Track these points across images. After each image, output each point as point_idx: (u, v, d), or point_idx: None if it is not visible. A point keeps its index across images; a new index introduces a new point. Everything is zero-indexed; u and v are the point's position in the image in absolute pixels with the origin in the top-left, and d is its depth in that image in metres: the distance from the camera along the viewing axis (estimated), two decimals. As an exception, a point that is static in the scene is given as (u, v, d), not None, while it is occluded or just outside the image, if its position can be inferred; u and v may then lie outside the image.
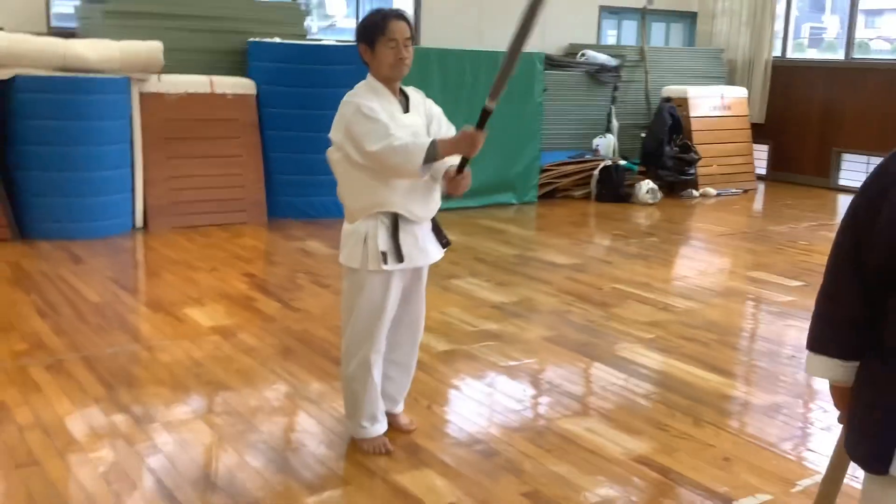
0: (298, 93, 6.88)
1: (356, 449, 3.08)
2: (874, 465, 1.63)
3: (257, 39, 7.11)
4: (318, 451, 3.08)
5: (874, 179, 1.64)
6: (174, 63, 6.66)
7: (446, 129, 2.95)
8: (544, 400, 3.59)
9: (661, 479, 2.93)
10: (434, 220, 3.01)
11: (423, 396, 3.55)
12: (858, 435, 1.68)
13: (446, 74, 7.31)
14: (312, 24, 8.96)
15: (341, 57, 6.92)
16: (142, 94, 6.51)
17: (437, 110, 2.98)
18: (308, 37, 7.85)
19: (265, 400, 3.51)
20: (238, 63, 7.15)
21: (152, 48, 6.40)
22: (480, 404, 3.54)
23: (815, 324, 1.77)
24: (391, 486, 2.85)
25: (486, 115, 2.66)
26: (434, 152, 2.69)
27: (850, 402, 1.72)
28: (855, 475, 2.09)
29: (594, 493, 2.82)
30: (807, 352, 1.78)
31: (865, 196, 1.66)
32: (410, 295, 3.04)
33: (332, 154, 2.93)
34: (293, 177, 6.99)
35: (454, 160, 2.81)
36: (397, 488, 2.83)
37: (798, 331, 4.73)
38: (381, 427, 3.09)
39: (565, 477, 2.93)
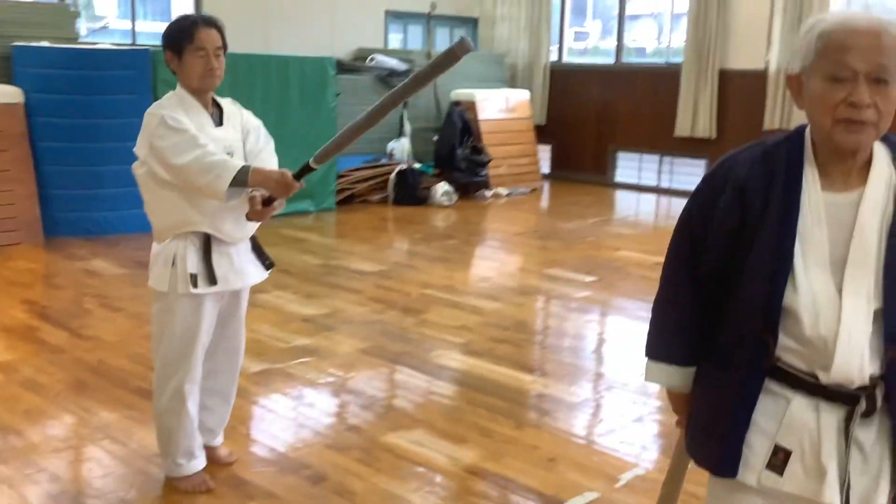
0: (73, 100, 6.38)
1: (173, 489, 2.85)
2: (720, 470, 1.65)
3: (23, 44, 6.49)
4: (129, 496, 2.82)
5: (705, 188, 1.69)
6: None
7: (265, 143, 2.79)
8: (368, 415, 3.50)
9: (493, 487, 2.93)
10: (254, 240, 2.84)
11: (241, 423, 3.35)
12: (703, 439, 1.70)
13: (236, 80, 7.01)
14: (81, 26, 8.32)
15: (119, 62, 6.50)
16: None
17: (255, 123, 2.81)
18: (79, 40, 7.28)
19: (61, 442, 3.17)
20: (2, 70, 6.50)
21: None
22: (302, 427, 3.40)
23: (652, 331, 1.78)
24: (216, 525, 2.66)
25: (306, 170, 2.53)
26: (244, 179, 2.53)
27: (692, 406, 1.75)
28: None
29: (430, 509, 2.78)
30: (645, 360, 1.80)
31: (697, 202, 1.70)
32: (228, 319, 2.85)
33: (137, 169, 2.70)
34: (72, 191, 6.46)
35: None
36: (223, 527, 2.64)
37: (598, 325, 4.95)
38: (200, 463, 2.87)
39: (398, 494, 2.86)
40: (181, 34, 2.60)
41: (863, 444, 1.56)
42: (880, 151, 1.58)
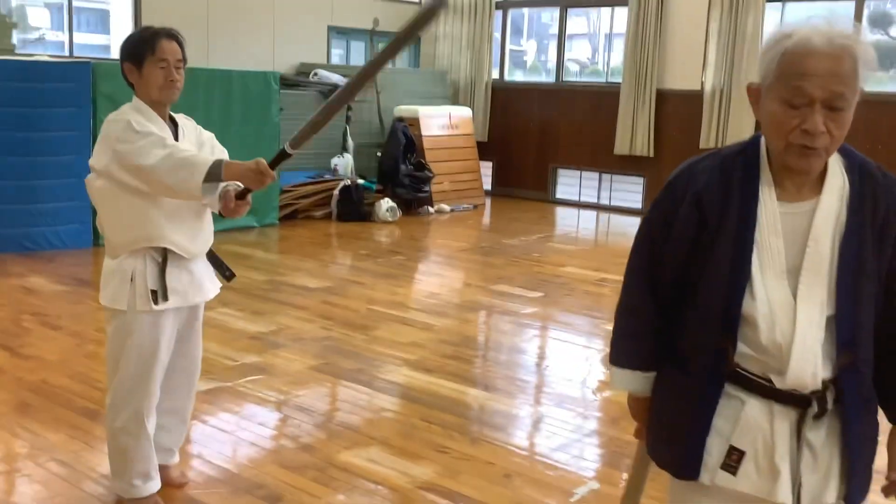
0: (9, 113, 6.21)
1: (125, 512, 2.79)
2: (683, 472, 1.69)
3: (-45, 53, 6.32)
4: (78, 519, 2.75)
5: (665, 197, 1.72)
6: None
7: (219, 153, 2.76)
8: (321, 434, 3.47)
9: (450, 504, 2.94)
10: (212, 253, 2.81)
11: (191, 443, 3.29)
12: (665, 443, 1.74)
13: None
14: (14, 38, 8.12)
15: (58, 74, 6.36)
16: None
17: (207, 136, 2.79)
18: (15, 52, 7.11)
19: (5, 465, 3.07)
20: (-67, 80, 6.30)
21: None
22: (254, 446, 3.35)
23: (616, 339, 1.82)
24: (171, 548, 2.61)
25: (282, 157, 2.47)
26: (218, 172, 2.46)
27: (653, 411, 1.79)
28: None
29: (388, 528, 2.77)
30: (611, 367, 1.83)
31: (658, 213, 1.73)
32: (186, 336, 2.80)
33: (93, 182, 2.63)
34: (8, 206, 6.28)
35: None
36: (179, 550, 2.60)
37: (546, 340, 5.01)
38: (155, 485, 2.81)
39: (356, 513, 2.85)
40: (143, 45, 2.57)
41: (813, 444, 1.62)
42: (834, 160, 1.62)
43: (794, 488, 1.60)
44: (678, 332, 1.71)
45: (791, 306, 1.58)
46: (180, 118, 2.75)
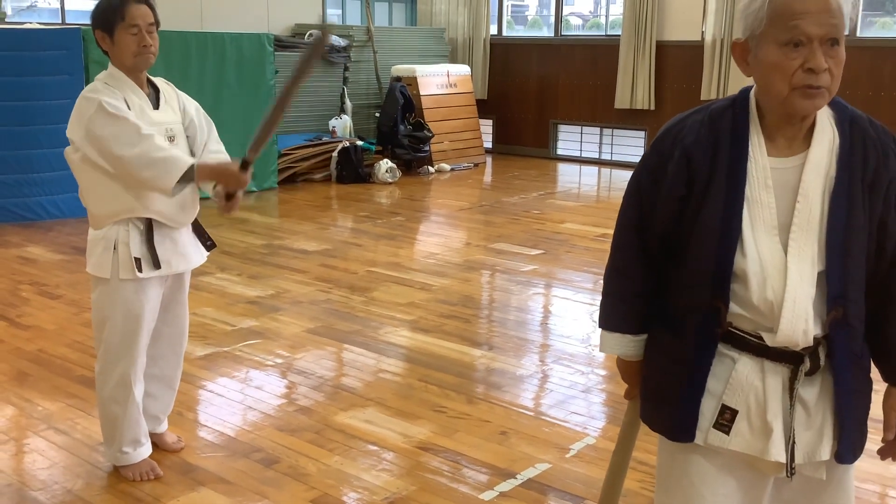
0: (2, 83, 6.15)
1: (120, 478, 2.79)
2: (678, 435, 1.66)
3: (-56, 23, 6.25)
4: (75, 487, 2.76)
5: (652, 154, 1.68)
6: None
7: (207, 129, 2.73)
8: (318, 396, 3.48)
9: (445, 463, 2.94)
10: (195, 221, 2.79)
11: (187, 409, 3.30)
12: (659, 406, 1.71)
13: (170, 59, 6.85)
14: (7, 6, 8.04)
15: (49, 42, 6.29)
16: None
17: (193, 105, 2.74)
18: (6, 20, 7.03)
19: (3, 435, 3.09)
20: (-78, 50, 6.24)
21: None
22: (251, 410, 3.36)
23: (606, 301, 1.78)
24: (167, 513, 2.62)
25: (246, 164, 2.46)
26: (191, 176, 2.46)
27: (645, 375, 1.76)
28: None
29: (384, 488, 2.78)
30: (600, 330, 1.80)
31: (646, 171, 1.70)
32: (171, 304, 2.80)
33: (71, 154, 2.62)
34: (4, 176, 6.25)
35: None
36: (175, 515, 2.61)
37: (544, 297, 4.99)
38: (146, 450, 2.82)
39: (352, 474, 2.86)
40: (112, 12, 2.52)
41: (807, 401, 1.60)
42: (823, 113, 1.59)
43: (787, 446, 1.58)
44: (669, 293, 1.68)
45: (782, 263, 1.55)
46: (160, 82, 2.71)
